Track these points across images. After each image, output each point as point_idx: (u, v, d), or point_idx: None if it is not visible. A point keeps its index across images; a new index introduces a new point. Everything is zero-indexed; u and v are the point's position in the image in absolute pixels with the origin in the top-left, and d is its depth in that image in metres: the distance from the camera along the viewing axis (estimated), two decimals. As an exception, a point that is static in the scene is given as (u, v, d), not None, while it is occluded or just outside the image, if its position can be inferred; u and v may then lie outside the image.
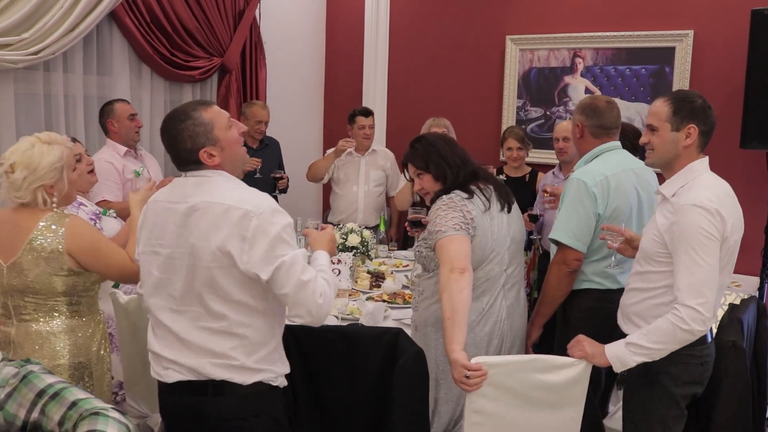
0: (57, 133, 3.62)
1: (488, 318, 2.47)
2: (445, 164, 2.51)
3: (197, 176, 1.97)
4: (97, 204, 3.24)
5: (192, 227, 1.90)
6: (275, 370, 2.01)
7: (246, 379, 1.94)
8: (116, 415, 1.61)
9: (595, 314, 2.73)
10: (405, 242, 4.63)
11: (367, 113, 4.68)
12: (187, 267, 1.91)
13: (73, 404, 1.64)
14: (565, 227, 2.65)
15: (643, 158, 3.39)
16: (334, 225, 4.44)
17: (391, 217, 4.92)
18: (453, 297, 2.18)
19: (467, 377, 2.03)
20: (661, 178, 2.45)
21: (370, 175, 4.70)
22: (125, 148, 3.75)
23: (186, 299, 1.94)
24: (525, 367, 2.14)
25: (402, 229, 4.70)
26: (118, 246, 2.37)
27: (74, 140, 2.98)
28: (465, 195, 2.44)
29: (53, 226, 2.23)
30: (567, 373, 2.17)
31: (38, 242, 2.22)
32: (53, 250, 2.22)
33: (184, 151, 1.94)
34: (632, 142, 3.38)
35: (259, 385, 1.96)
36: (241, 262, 1.85)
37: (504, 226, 2.50)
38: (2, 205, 2.43)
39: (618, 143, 2.85)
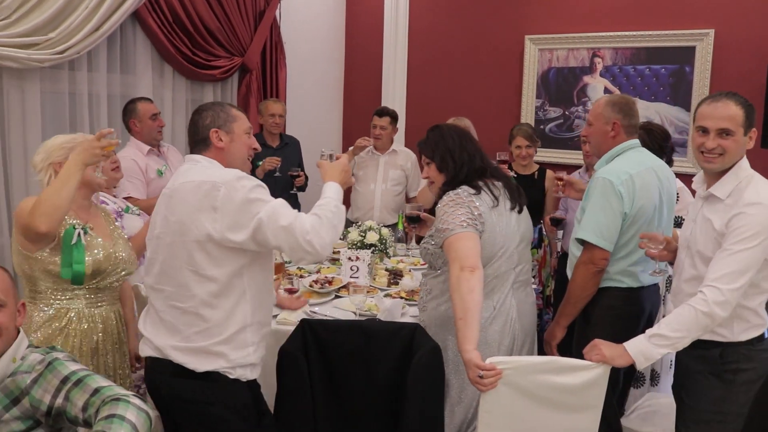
0: (81, 131, 3.75)
1: (499, 316, 2.45)
2: (449, 157, 2.50)
3: (189, 161, 2.15)
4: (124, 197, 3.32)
5: (173, 207, 2.05)
6: (234, 358, 2.07)
7: (200, 365, 2.04)
8: (137, 401, 1.65)
9: (618, 313, 2.73)
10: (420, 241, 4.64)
11: (381, 114, 4.68)
12: (169, 245, 2.06)
13: (96, 391, 1.69)
14: (593, 226, 2.62)
15: (669, 159, 3.41)
16: (352, 222, 4.48)
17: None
18: (464, 297, 2.16)
19: (481, 377, 2.04)
20: (685, 179, 2.46)
21: (388, 174, 4.73)
22: (148, 147, 3.80)
23: (163, 277, 2.09)
24: (541, 369, 2.12)
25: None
26: (49, 189, 2.23)
27: None
28: (472, 191, 2.42)
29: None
30: (585, 375, 2.13)
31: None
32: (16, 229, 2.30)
33: (201, 126, 2.15)
34: (659, 143, 3.38)
35: (214, 375, 2.05)
36: (215, 231, 1.97)
37: (513, 223, 2.48)
38: None
39: (638, 141, 2.83)
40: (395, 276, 3.55)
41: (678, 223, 3.35)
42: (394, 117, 4.72)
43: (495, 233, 2.41)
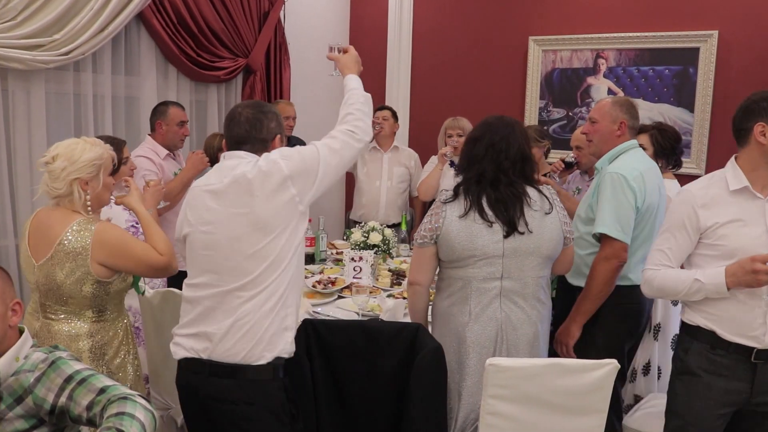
0: (85, 132, 3.77)
1: (477, 324, 2.38)
2: (464, 152, 2.50)
3: (234, 158, 2.17)
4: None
5: (229, 201, 2.09)
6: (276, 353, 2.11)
7: (259, 358, 2.08)
8: (143, 401, 1.65)
9: (624, 310, 2.76)
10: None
11: (381, 108, 4.78)
12: (228, 238, 2.08)
13: (102, 390, 1.69)
14: (611, 220, 2.63)
15: (678, 160, 3.43)
16: (356, 222, 4.49)
17: (414, 218, 4.94)
18: (408, 304, 2.60)
19: None
20: (689, 181, 2.46)
21: (393, 171, 4.74)
22: (166, 152, 3.83)
23: (226, 275, 2.09)
24: (544, 371, 2.11)
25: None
26: (146, 244, 2.39)
27: (123, 143, 3.07)
28: (448, 196, 2.43)
29: (82, 231, 2.27)
30: (590, 377, 2.11)
31: (68, 244, 2.26)
32: (80, 255, 2.26)
33: (267, 128, 2.20)
34: (672, 143, 3.41)
35: (253, 370, 2.08)
36: (301, 201, 2.10)
37: (495, 236, 2.33)
38: (39, 203, 2.50)
39: (636, 142, 2.89)
40: (398, 276, 3.56)
41: None
42: (393, 112, 4.79)
43: (456, 240, 2.34)
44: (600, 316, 2.76)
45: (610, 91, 4.80)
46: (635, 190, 2.65)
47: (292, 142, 4.70)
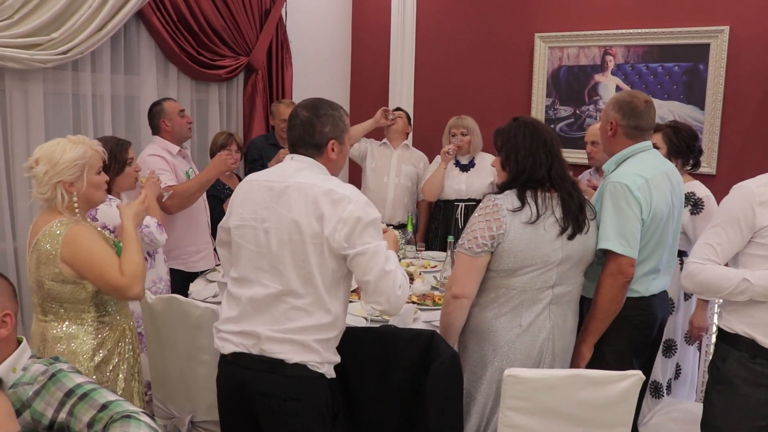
0: (85, 132, 3.69)
1: (525, 336, 2.33)
2: (513, 157, 2.37)
3: (300, 161, 2.14)
4: (164, 189, 3.37)
5: (288, 205, 2.05)
6: (326, 355, 2.10)
7: (294, 356, 2.05)
8: (147, 419, 1.58)
9: (632, 323, 2.62)
10: (430, 243, 4.56)
11: (396, 109, 4.80)
12: (281, 241, 2.06)
13: (104, 406, 1.61)
14: (615, 235, 2.45)
15: (697, 160, 3.32)
16: None
17: (419, 219, 4.86)
18: (443, 317, 2.43)
19: None
20: (703, 180, 2.39)
21: (401, 168, 4.67)
22: (177, 147, 3.76)
23: (274, 273, 2.07)
24: (565, 383, 2.03)
25: (429, 229, 4.64)
26: (114, 259, 2.24)
27: (128, 144, 2.99)
28: (516, 203, 2.29)
29: (57, 231, 2.22)
30: (613, 389, 2.03)
31: (40, 245, 2.23)
32: (49, 255, 2.21)
33: (319, 132, 2.12)
34: (687, 141, 3.26)
35: (302, 368, 2.05)
36: (333, 239, 2.00)
37: (555, 243, 2.30)
38: (35, 206, 2.46)
39: (650, 143, 2.69)
40: (406, 280, 3.47)
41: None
42: (407, 114, 4.78)
43: (520, 247, 2.27)
44: (608, 329, 2.61)
45: (618, 89, 4.71)
46: (640, 201, 2.48)
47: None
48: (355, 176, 5.09)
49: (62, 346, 2.27)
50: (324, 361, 2.09)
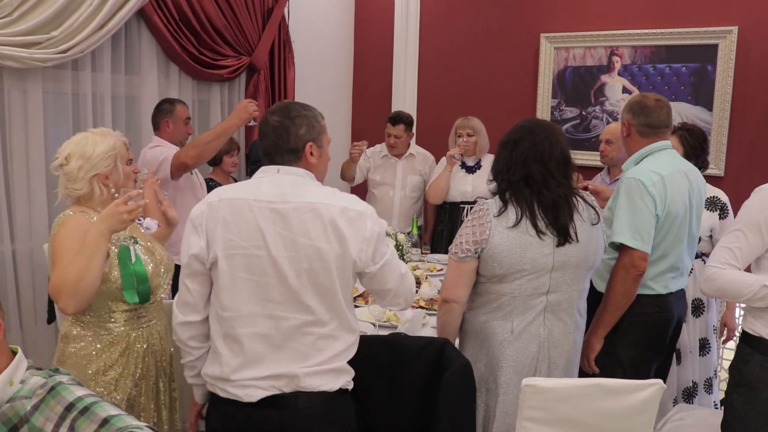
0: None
1: (518, 342, 2.28)
2: (500, 154, 2.33)
3: (292, 175, 1.93)
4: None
5: (306, 229, 1.85)
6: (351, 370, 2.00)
7: (334, 384, 1.91)
8: None
9: (648, 320, 2.63)
10: (435, 245, 4.50)
11: (396, 121, 4.50)
12: (299, 270, 1.85)
13: (105, 421, 1.54)
14: (628, 228, 2.49)
15: (705, 160, 3.32)
16: None
17: (426, 221, 4.79)
18: (437, 321, 2.43)
19: None
20: (710, 181, 2.36)
21: (407, 180, 4.57)
22: (176, 148, 3.67)
23: (291, 304, 1.87)
24: (584, 392, 1.97)
25: (435, 231, 4.57)
26: (75, 263, 2.00)
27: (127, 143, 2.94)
28: (499, 205, 2.26)
29: (61, 216, 2.18)
30: (633, 399, 1.97)
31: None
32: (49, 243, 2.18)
33: (294, 136, 1.93)
34: (700, 143, 3.29)
35: (341, 391, 1.95)
36: (360, 260, 1.88)
37: (545, 249, 2.23)
38: (61, 204, 2.37)
39: (668, 143, 2.72)
40: (413, 284, 3.41)
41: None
42: (408, 123, 4.54)
43: (506, 253, 2.21)
44: (619, 327, 2.63)
45: (624, 90, 4.67)
46: (654, 197, 2.50)
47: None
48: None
49: (66, 345, 2.22)
50: (352, 376, 1.99)
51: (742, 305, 2.98)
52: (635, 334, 2.63)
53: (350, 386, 1.99)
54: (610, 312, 2.56)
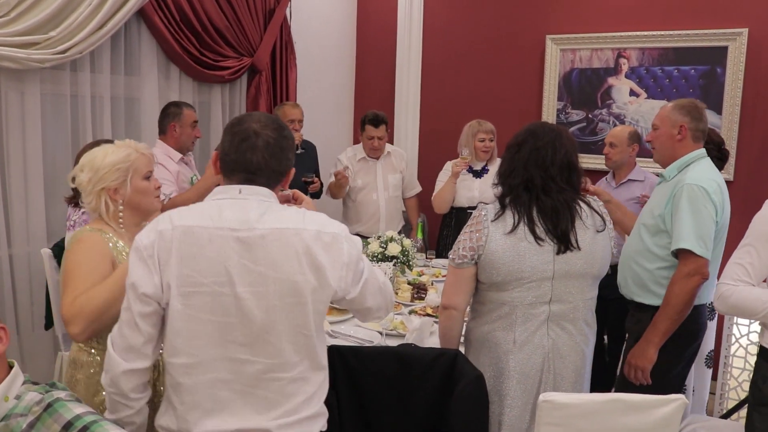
0: (83, 135, 3.56)
1: (521, 353, 2.21)
2: (505, 158, 2.29)
3: (256, 195, 1.69)
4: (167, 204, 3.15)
5: (273, 260, 1.62)
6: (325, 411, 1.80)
7: (315, 429, 1.74)
8: None
9: (681, 332, 2.56)
10: (441, 250, 4.42)
11: (378, 122, 4.38)
12: (269, 308, 1.62)
13: None
14: (694, 235, 2.46)
15: (722, 165, 3.27)
16: (363, 236, 4.25)
17: (425, 222, 4.71)
18: (438, 327, 2.39)
19: None
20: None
21: (388, 179, 4.51)
22: (180, 155, 3.64)
23: (258, 347, 1.64)
24: (604, 408, 1.91)
25: (441, 236, 4.50)
26: (84, 286, 1.93)
27: None
28: (496, 209, 2.21)
29: (75, 235, 2.08)
30: (655, 414, 1.90)
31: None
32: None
33: (286, 159, 1.73)
34: (718, 147, 3.27)
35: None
36: (340, 289, 1.69)
37: (545, 256, 2.17)
38: (59, 210, 2.31)
39: (704, 150, 2.72)
40: (418, 290, 3.34)
41: None
42: (387, 122, 4.46)
43: (504, 260, 2.15)
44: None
45: (632, 93, 4.59)
46: (716, 204, 2.50)
47: (301, 146, 4.46)
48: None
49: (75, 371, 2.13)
50: (326, 418, 1.79)
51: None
52: (667, 344, 2.58)
53: (325, 427, 1.79)
54: (670, 320, 2.51)
